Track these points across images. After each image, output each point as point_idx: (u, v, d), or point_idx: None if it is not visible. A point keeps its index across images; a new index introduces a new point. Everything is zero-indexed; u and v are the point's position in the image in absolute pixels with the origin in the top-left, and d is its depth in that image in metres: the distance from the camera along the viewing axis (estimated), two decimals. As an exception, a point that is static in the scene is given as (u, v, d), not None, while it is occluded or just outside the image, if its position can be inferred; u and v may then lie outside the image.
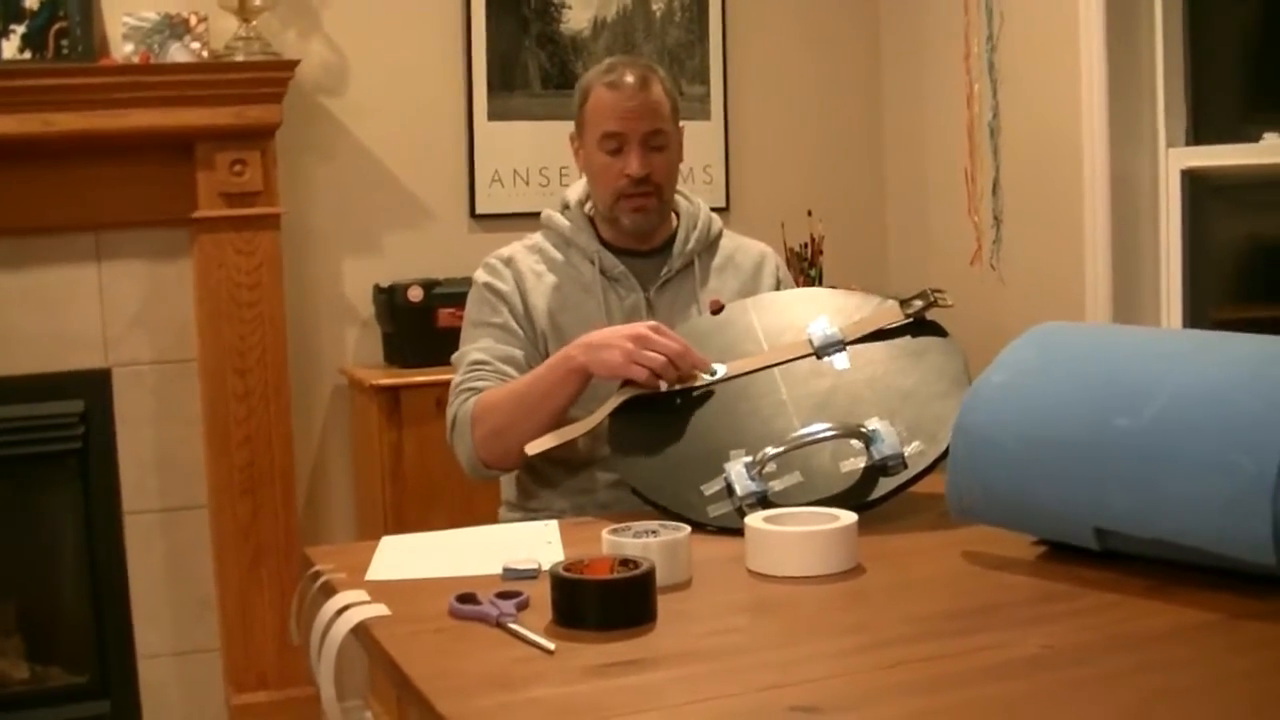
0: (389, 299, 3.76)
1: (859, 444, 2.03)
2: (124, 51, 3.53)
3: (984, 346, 2.10)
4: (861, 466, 2.03)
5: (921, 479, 2.02)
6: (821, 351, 2.22)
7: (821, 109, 4.45)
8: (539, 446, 2.23)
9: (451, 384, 2.44)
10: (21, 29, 3.43)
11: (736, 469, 2.02)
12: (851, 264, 4.29)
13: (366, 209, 3.96)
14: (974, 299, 3.93)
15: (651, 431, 2.16)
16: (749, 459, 2.03)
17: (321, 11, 3.87)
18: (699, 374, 2.20)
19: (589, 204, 2.54)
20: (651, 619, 1.57)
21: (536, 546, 1.93)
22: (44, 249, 3.61)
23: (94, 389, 3.67)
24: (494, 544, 1.97)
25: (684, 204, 2.58)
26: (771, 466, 2.02)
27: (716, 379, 2.20)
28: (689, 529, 1.77)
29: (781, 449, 2.02)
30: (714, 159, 4.28)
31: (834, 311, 2.30)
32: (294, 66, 3.63)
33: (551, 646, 1.48)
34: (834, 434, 2.03)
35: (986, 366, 1.85)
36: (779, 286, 2.59)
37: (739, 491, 2.00)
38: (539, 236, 2.56)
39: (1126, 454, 1.62)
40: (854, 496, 1.99)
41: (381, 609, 1.65)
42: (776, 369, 2.21)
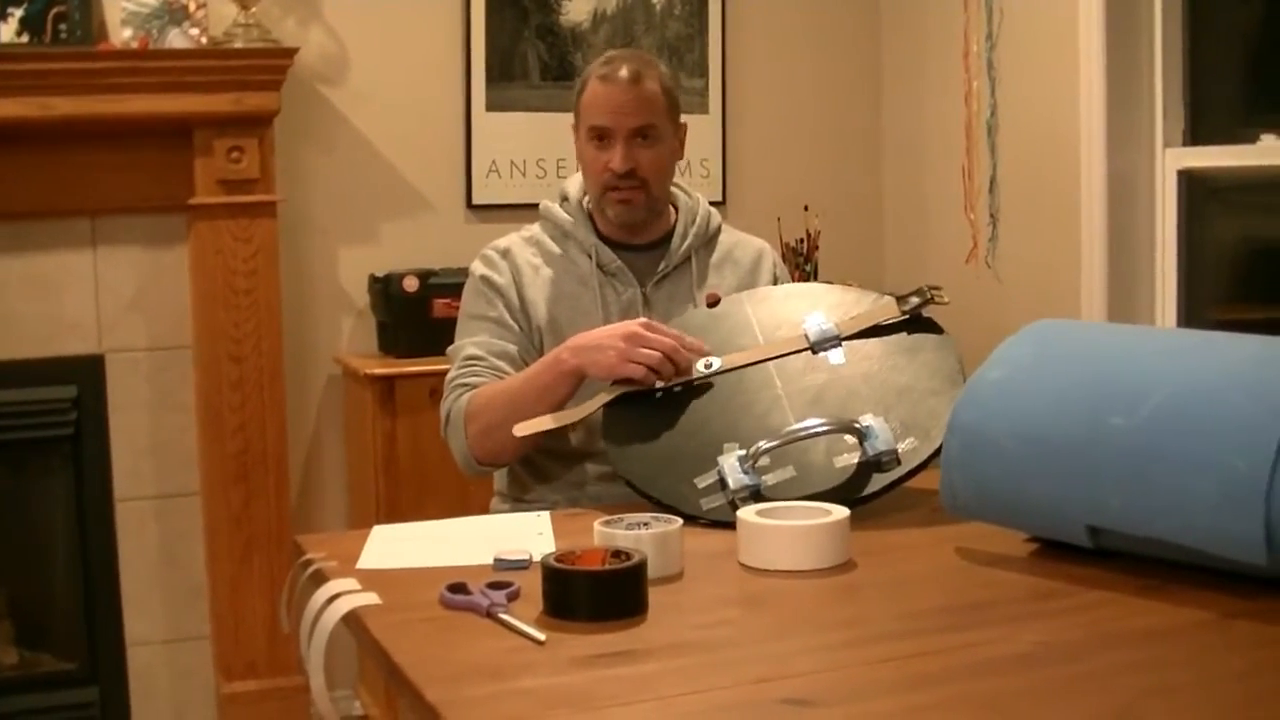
0: (384, 288, 3.75)
1: (853, 439, 2.03)
2: (122, 36, 3.52)
3: (979, 344, 2.09)
4: (855, 462, 2.02)
5: (915, 475, 2.02)
6: (817, 346, 2.22)
7: (820, 104, 4.45)
8: (530, 428, 2.22)
9: (446, 378, 2.44)
10: (20, 12, 3.42)
11: (730, 462, 2.02)
12: (847, 260, 4.29)
13: (363, 198, 3.95)
14: (970, 296, 3.93)
15: (645, 424, 2.16)
16: (742, 452, 2.03)
17: (321, 0, 3.87)
18: (695, 367, 2.20)
19: (588, 197, 2.54)
20: (642, 610, 1.57)
21: (528, 537, 1.93)
22: (40, 233, 3.60)
23: (88, 374, 3.67)
24: (486, 534, 1.96)
25: (683, 199, 2.58)
26: (765, 460, 2.02)
27: (711, 372, 2.20)
28: (681, 521, 1.77)
29: (775, 443, 2.01)
30: (711, 153, 4.28)
31: (830, 307, 2.30)
32: (293, 54, 3.62)
33: (542, 637, 1.48)
34: (828, 429, 2.03)
35: (982, 363, 1.85)
36: (776, 283, 2.59)
37: (732, 485, 2.00)
38: (537, 228, 2.56)
39: (1120, 452, 1.62)
40: (847, 491, 1.99)
41: (372, 598, 1.64)
42: (771, 363, 2.21)
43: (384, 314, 3.80)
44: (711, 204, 2.66)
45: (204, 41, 3.58)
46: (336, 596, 1.66)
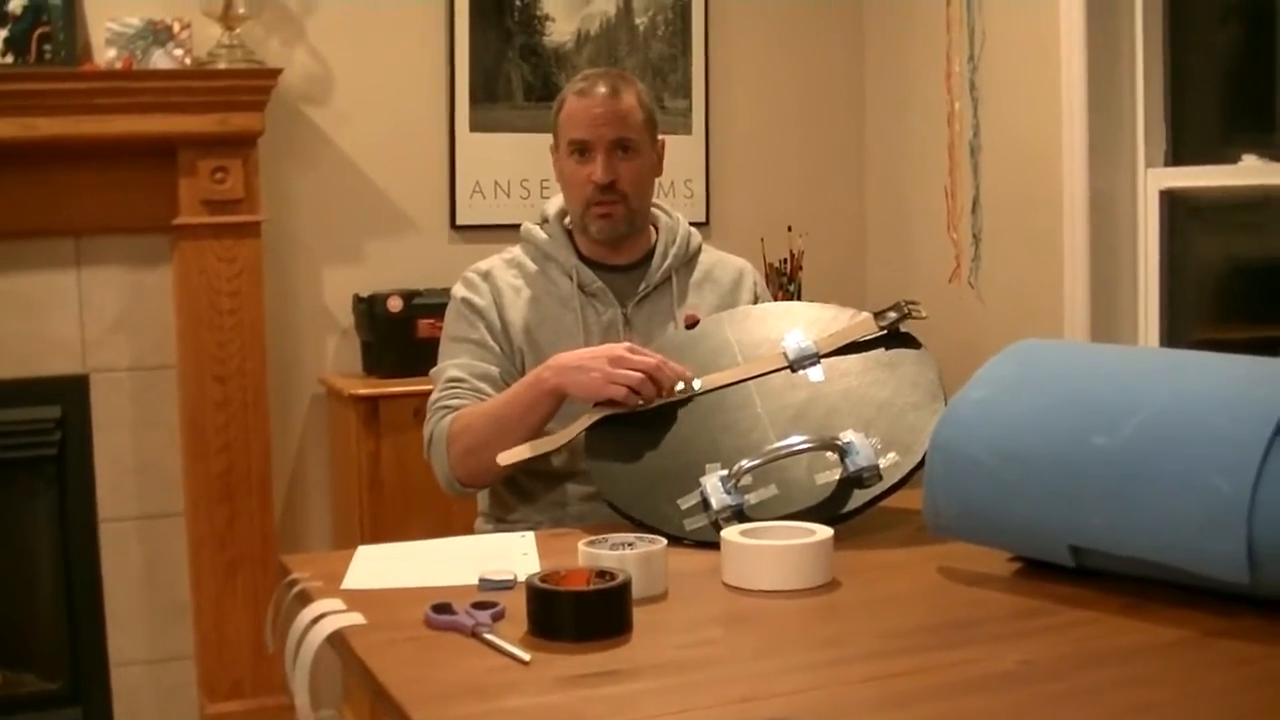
0: (369, 308, 3.75)
1: (834, 456, 2.04)
2: (107, 57, 3.53)
3: (962, 364, 2.10)
4: (837, 478, 2.03)
5: (897, 490, 2.02)
6: (796, 365, 2.23)
7: (803, 125, 4.47)
8: (512, 457, 2.23)
9: (429, 400, 2.44)
10: (4, 33, 3.42)
11: (712, 482, 2.03)
12: (831, 280, 4.30)
13: (348, 218, 3.96)
14: (953, 316, 3.95)
15: (627, 445, 2.16)
16: (724, 472, 2.03)
17: (305, 20, 3.87)
18: (677, 387, 2.20)
19: (568, 218, 2.54)
20: (627, 630, 1.57)
21: (513, 557, 1.93)
22: (24, 253, 3.60)
23: (72, 394, 3.66)
24: (470, 554, 1.97)
25: (663, 219, 2.59)
26: (747, 479, 2.03)
27: (693, 393, 2.20)
28: (665, 541, 1.77)
29: (757, 461, 2.02)
30: (695, 173, 4.29)
31: (809, 324, 2.31)
32: (277, 75, 3.63)
33: (527, 657, 1.48)
34: (809, 446, 2.04)
35: (964, 383, 1.86)
36: (757, 302, 2.59)
37: (714, 505, 2.00)
38: (518, 250, 2.56)
39: (1103, 472, 1.62)
40: (830, 508, 1.99)
41: (357, 618, 1.64)
42: (752, 382, 2.22)
43: (368, 334, 3.80)
44: (695, 224, 2.67)
45: (188, 62, 3.58)
46: (321, 616, 1.65)
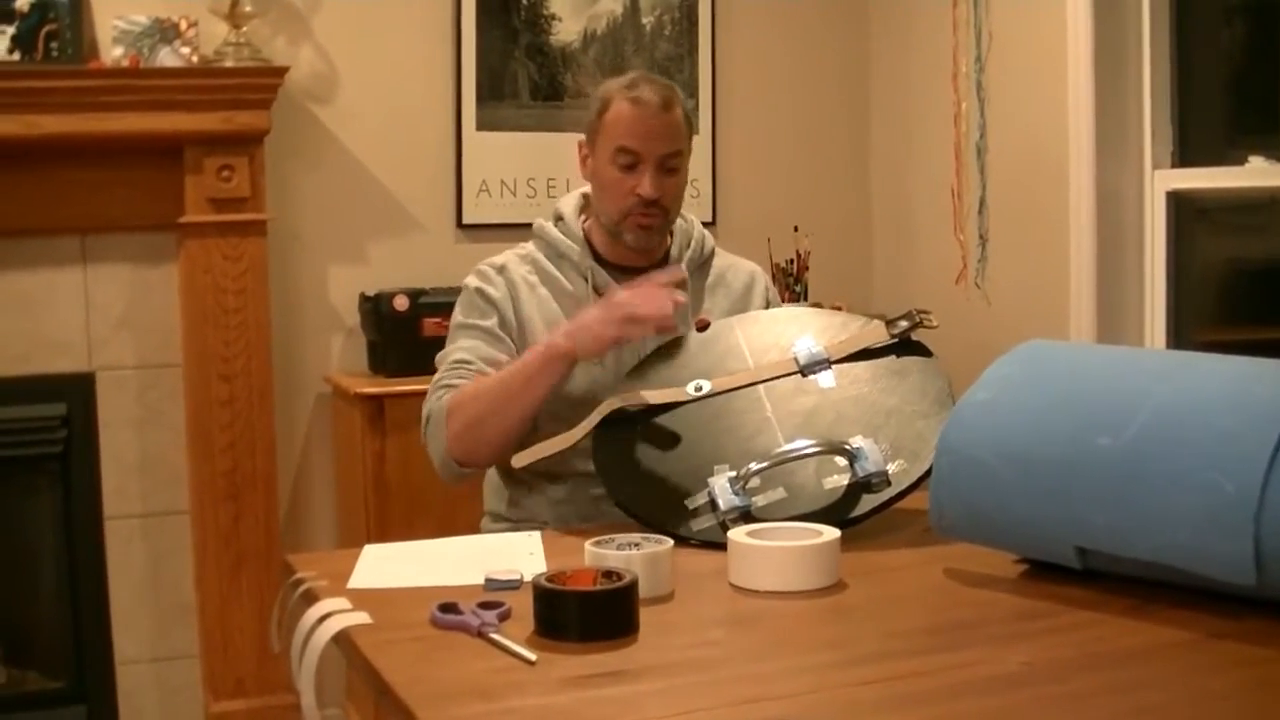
0: (374, 307, 3.75)
1: (843, 461, 2.04)
2: (114, 55, 3.53)
3: (968, 365, 2.10)
4: (845, 483, 2.03)
5: (904, 497, 2.02)
6: (806, 369, 2.23)
7: (809, 125, 4.46)
8: (526, 459, 2.23)
9: (432, 381, 2.42)
10: (11, 30, 3.43)
11: (720, 483, 2.03)
12: (837, 280, 4.30)
13: (353, 217, 3.96)
14: (959, 317, 3.94)
15: (636, 446, 2.17)
16: (733, 474, 2.03)
17: (312, 19, 3.87)
18: (686, 390, 2.20)
19: (584, 217, 2.53)
20: (633, 631, 1.57)
21: (519, 557, 1.93)
22: (29, 251, 3.60)
23: (77, 392, 3.67)
24: (476, 554, 1.97)
25: (679, 221, 2.58)
26: (755, 482, 2.03)
27: (702, 395, 2.20)
28: (672, 542, 1.77)
29: (765, 464, 2.02)
30: (701, 173, 4.28)
31: (820, 330, 2.31)
32: (283, 73, 3.63)
33: (533, 657, 1.48)
34: (818, 450, 2.04)
35: (971, 384, 1.86)
36: (768, 306, 2.59)
37: (722, 506, 2.00)
38: (531, 246, 2.55)
39: (1108, 473, 1.62)
40: (837, 513, 1.99)
41: (363, 617, 1.65)
42: (761, 386, 2.22)
43: (374, 333, 3.80)
44: (702, 224, 2.66)
45: (195, 60, 3.59)
46: (327, 616, 1.66)
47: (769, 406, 2.18)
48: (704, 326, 2.39)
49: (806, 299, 4.06)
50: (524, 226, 2.60)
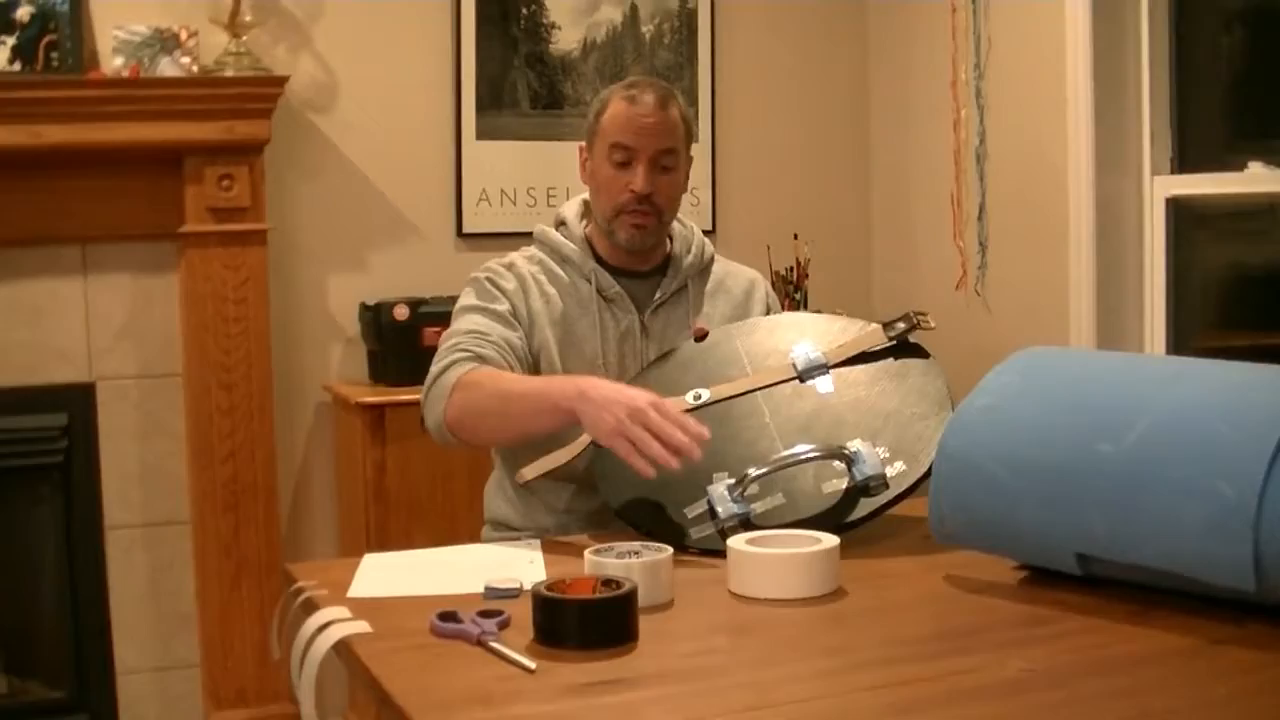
0: (375, 317, 3.75)
1: (841, 465, 2.04)
2: (114, 65, 3.53)
3: (968, 371, 2.10)
4: (843, 487, 2.03)
5: (903, 499, 2.03)
6: (805, 375, 2.23)
7: (809, 132, 4.47)
8: (532, 472, 2.24)
9: (443, 339, 2.37)
10: (12, 40, 3.43)
11: (719, 491, 2.03)
12: (837, 288, 4.30)
13: (354, 226, 3.96)
14: (959, 324, 3.94)
15: (635, 453, 2.16)
16: (731, 481, 2.03)
17: (312, 28, 3.88)
18: (684, 398, 2.20)
19: (586, 222, 2.54)
20: (633, 639, 1.57)
21: (519, 566, 1.93)
22: (30, 261, 3.60)
23: (78, 402, 3.66)
24: (476, 563, 1.97)
25: (679, 228, 2.58)
26: (754, 488, 2.03)
27: (701, 403, 2.20)
28: (671, 550, 1.77)
29: (764, 470, 2.02)
30: (701, 181, 4.29)
31: (818, 335, 2.31)
32: (283, 83, 3.63)
33: (532, 665, 1.48)
34: (816, 455, 2.04)
35: (971, 391, 1.86)
36: (768, 313, 2.58)
37: (721, 513, 2.00)
38: (534, 249, 2.54)
39: (1108, 479, 1.62)
40: (836, 517, 1.99)
41: (363, 626, 1.65)
42: (760, 393, 2.22)
43: (374, 342, 3.80)
44: (702, 233, 2.67)
45: (195, 70, 3.59)
46: (327, 625, 1.66)
47: (768, 413, 2.18)
48: (702, 336, 2.39)
49: (806, 307, 4.06)
50: (524, 235, 2.60)
